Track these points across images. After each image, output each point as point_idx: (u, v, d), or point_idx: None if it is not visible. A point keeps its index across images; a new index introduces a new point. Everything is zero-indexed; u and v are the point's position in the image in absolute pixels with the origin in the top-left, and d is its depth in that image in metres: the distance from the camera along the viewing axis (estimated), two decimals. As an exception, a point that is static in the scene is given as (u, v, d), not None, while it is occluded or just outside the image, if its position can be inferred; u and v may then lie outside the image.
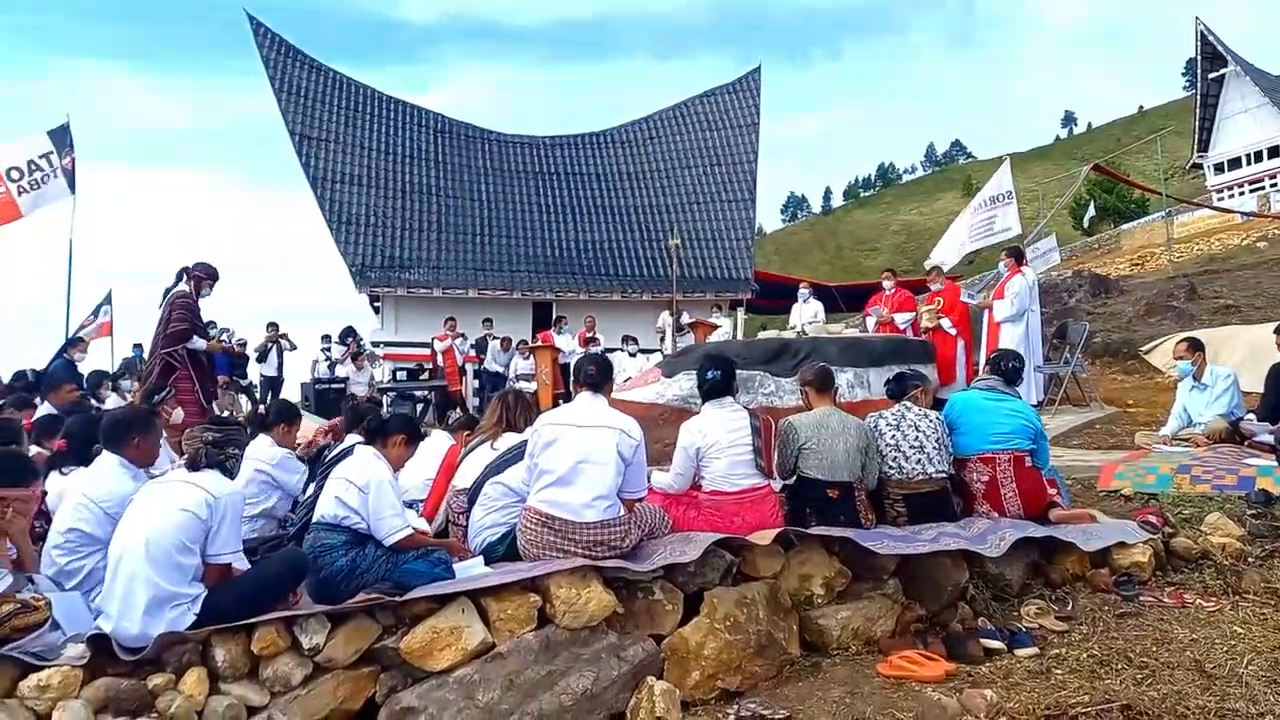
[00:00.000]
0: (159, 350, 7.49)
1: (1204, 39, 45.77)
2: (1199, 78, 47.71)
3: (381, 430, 4.11)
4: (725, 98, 24.79)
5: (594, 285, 20.85)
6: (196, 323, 7.67)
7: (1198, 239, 31.74)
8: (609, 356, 4.86)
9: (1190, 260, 26.24)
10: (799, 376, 4.84)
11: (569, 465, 3.73)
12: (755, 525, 4.10)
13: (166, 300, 7.63)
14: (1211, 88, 46.82)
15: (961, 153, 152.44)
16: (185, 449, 3.47)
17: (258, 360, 14.22)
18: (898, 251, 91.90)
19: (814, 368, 4.70)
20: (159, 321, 7.61)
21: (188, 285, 7.74)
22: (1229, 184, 45.77)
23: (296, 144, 20.88)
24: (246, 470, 4.80)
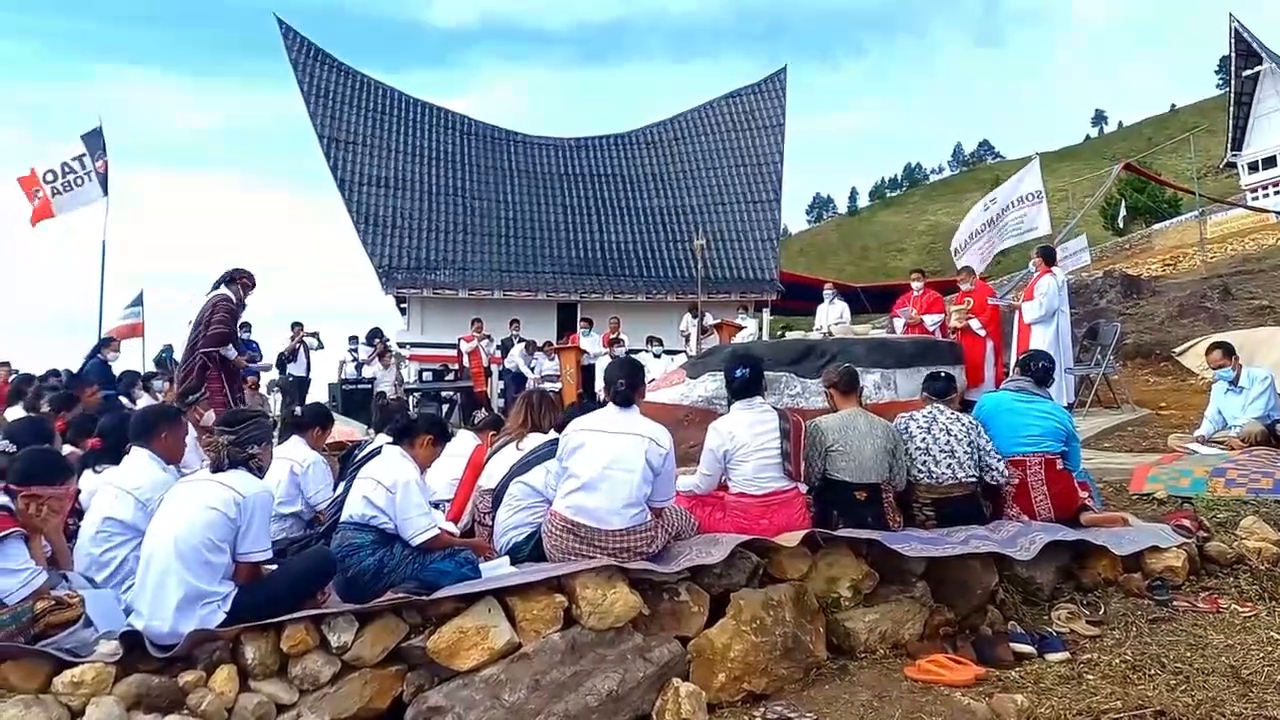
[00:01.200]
0: (198, 349, 7.53)
1: (1238, 36, 44.98)
2: (1233, 75, 46.91)
3: (409, 431, 4.14)
4: (750, 98, 24.71)
5: (618, 286, 20.86)
6: (234, 328, 7.71)
7: (1231, 239, 31.20)
8: (637, 359, 4.80)
9: (1224, 260, 25.78)
10: (823, 378, 4.81)
11: (595, 471, 3.72)
12: (782, 527, 4.08)
13: (209, 301, 7.66)
14: (1245, 85, 46.02)
15: (989, 152, 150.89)
16: (207, 453, 3.50)
17: (287, 361, 14.33)
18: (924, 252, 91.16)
19: (838, 369, 4.66)
20: (197, 322, 7.63)
21: (230, 290, 7.77)
22: (1263, 183, 44.95)
23: (325, 147, 21.06)
24: (280, 470, 4.85)
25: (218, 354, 7.51)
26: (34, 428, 4.49)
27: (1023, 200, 12.09)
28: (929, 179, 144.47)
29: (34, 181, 14.62)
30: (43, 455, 3.50)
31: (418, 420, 4.28)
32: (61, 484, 3.40)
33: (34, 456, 3.44)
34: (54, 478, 3.37)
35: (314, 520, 4.89)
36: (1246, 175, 46.38)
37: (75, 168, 14.44)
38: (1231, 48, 45.61)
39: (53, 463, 3.46)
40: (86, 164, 14.38)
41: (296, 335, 14.31)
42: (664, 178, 23.57)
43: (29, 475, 3.31)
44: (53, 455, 3.59)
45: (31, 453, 3.50)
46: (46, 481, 3.33)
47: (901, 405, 8.46)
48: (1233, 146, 46.56)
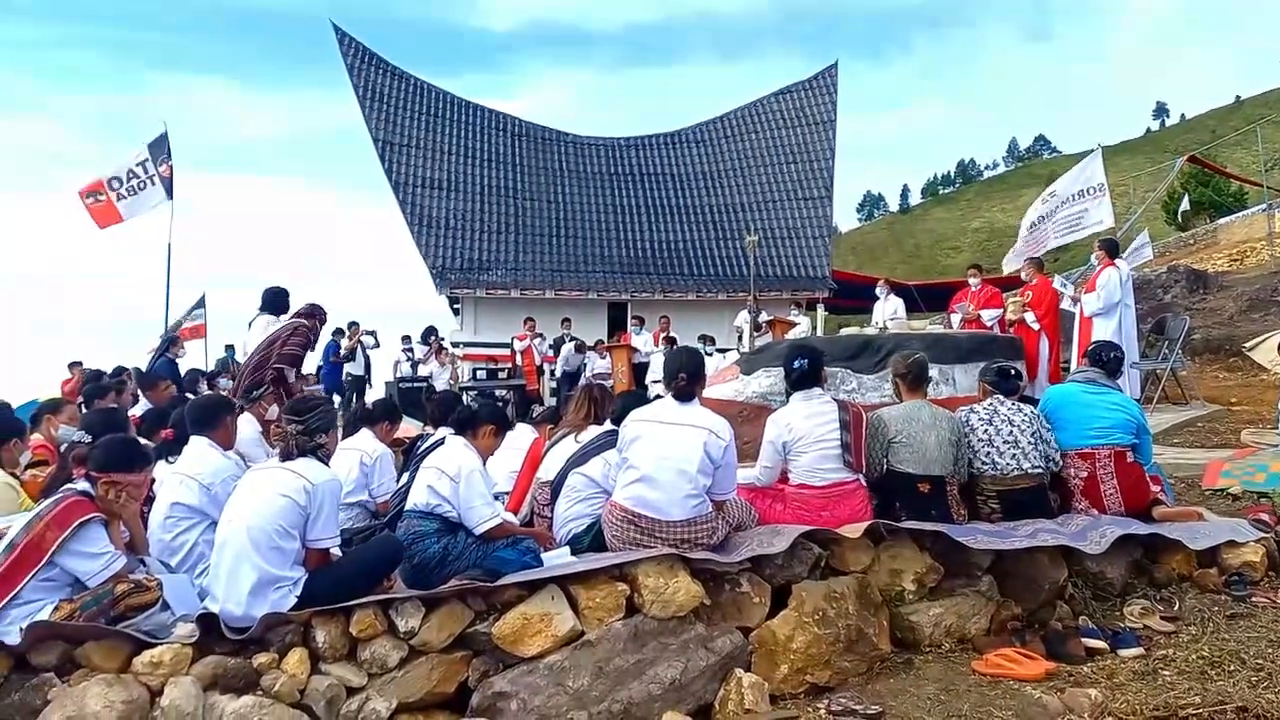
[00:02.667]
0: (271, 365, 7.62)
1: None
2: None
3: (471, 421, 4.18)
4: (801, 95, 24.53)
5: (669, 285, 20.86)
6: (302, 356, 7.81)
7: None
8: (697, 350, 4.79)
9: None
10: (891, 368, 4.74)
11: (654, 463, 3.72)
12: (843, 520, 4.04)
13: (288, 325, 7.66)
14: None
15: (1046, 147, 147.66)
16: (275, 443, 3.57)
17: (344, 360, 14.60)
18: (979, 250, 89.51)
19: (908, 360, 4.58)
20: (272, 339, 7.72)
21: (308, 323, 7.91)
22: (1340, 174, 43.31)
23: (379, 150, 21.41)
24: (350, 460, 4.94)
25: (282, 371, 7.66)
26: (109, 418, 4.63)
27: (1083, 194, 11.80)
28: (983, 175, 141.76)
29: (98, 188, 15.08)
30: (122, 443, 3.60)
31: (479, 410, 4.32)
32: (140, 471, 3.50)
33: (113, 444, 3.55)
34: (133, 465, 3.47)
35: (378, 510, 4.98)
36: (1321, 167, 44.76)
37: (139, 173, 14.87)
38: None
39: (132, 450, 3.56)
40: (150, 169, 14.80)
41: (354, 335, 14.58)
42: (714, 176, 23.50)
43: (109, 463, 3.41)
44: (132, 443, 3.70)
45: (111, 441, 3.60)
46: (125, 469, 3.43)
47: (960, 400, 8.33)
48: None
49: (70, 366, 13.97)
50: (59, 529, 3.12)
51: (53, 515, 3.18)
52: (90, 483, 3.33)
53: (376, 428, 5.23)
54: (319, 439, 3.57)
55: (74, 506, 3.19)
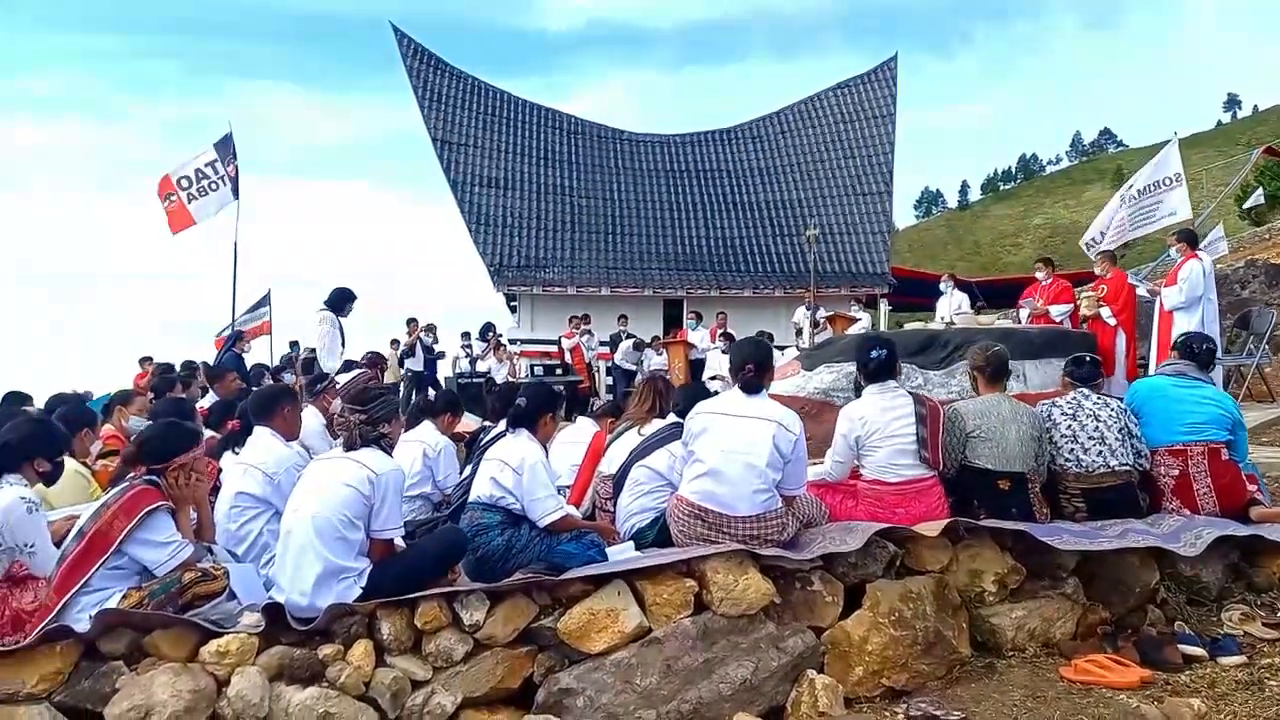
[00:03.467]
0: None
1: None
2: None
3: (532, 415, 4.05)
4: (859, 89, 24.16)
5: (725, 282, 20.72)
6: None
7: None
8: (765, 340, 4.63)
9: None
10: (970, 360, 4.54)
11: (721, 456, 3.60)
12: (919, 517, 3.88)
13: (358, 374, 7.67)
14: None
15: (1111, 141, 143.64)
16: (339, 432, 3.54)
17: (406, 357, 14.73)
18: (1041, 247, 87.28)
19: (988, 352, 4.38)
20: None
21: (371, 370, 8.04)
22: None
23: (438, 149, 21.63)
24: (414, 451, 4.92)
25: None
26: (176, 407, 4.68)
27: (1159, 185, 11.34)
28: (1045, 171, 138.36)
29: (166, 186, 15.39)
30: (164, 429, 3.52)
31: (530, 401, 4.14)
32: (191, 448, 3.43)
33: (155, 432, 3.48)
34: (184, 443, 3.41)
35: (441, 503, 4.95)
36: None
37: (208, 173, 15.16)
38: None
39: (175, 431, 3.49)
40: (219, 169, 15.08)
41: (413, 331, 14.69)
42: (771, 171, 23.27)
43: (161, 452, 3.37)
44: (173, 424, 3.59)
45: (152, 430, 3.54)
46: (178, 450, 3.38)
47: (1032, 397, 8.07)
48: (1391, 125, 42.95)
49: (142, 362, 14.37)
50: (126, 518, 3.12)
51: (120, 504, 3.18)
52: (157, 474, 3.33)
53: (438, 420, 5.21)
54: (382, 429, 3.53)
55: (141, 495, 3.19)
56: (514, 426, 3.94)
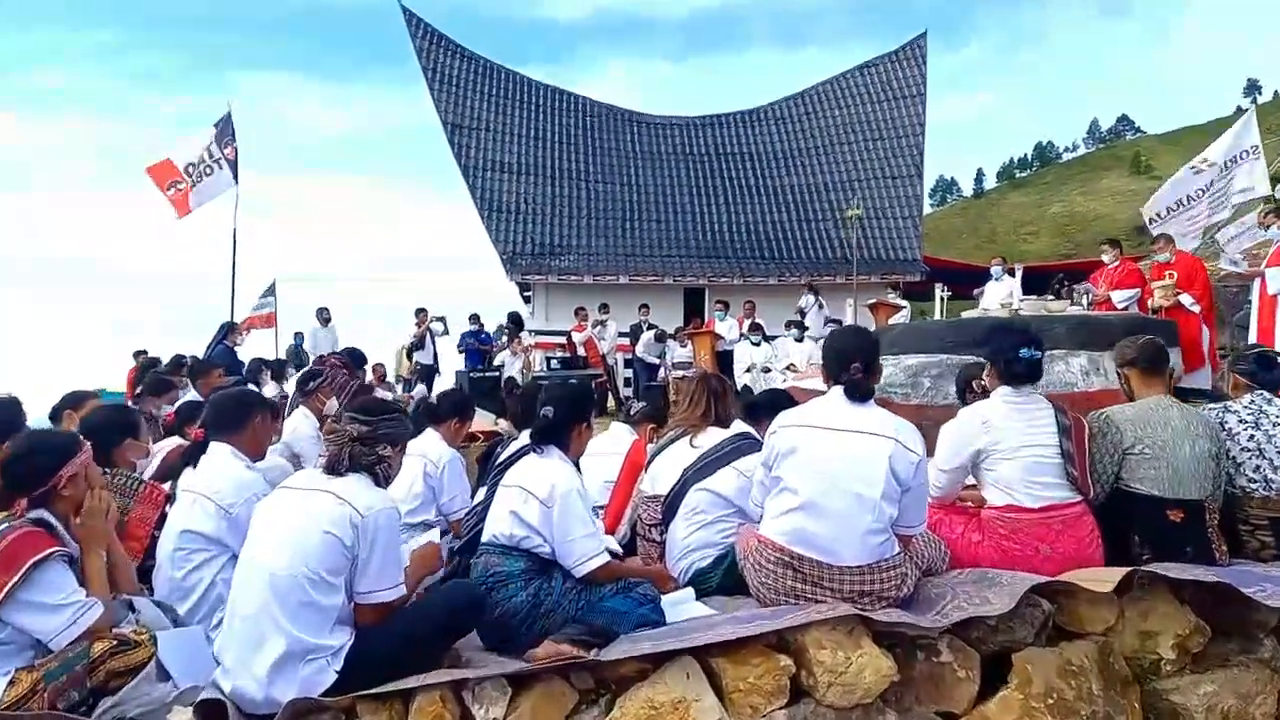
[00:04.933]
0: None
1: None
2: None
3: (558, 427, 3.11)
4: (887, 68, 23.09)
5: (748, 269, 19.75)
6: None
7: None
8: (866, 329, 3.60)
9: None
10: (1116, 354, 3.60)
11: (821, 485, 2.71)
12: (1069, 557, 2.98)
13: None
14: None
15: (1129, 128, 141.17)
16: (327, 444, 2.65)
17: (413, 349, 13.90)
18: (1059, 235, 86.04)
19: (1137, 342, 3.47)
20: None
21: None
22: None
23: (449, 133, 20.76)
24: (414, 468, 4.03)
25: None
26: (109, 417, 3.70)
27: (1236, 160, 10.36)
28: (1062, 158, 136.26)
29: (171, 172, 14.54)
30: (27, 444, 2.63)
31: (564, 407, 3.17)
32: (66, 462, 2.56)
33: (17, 451, 2.59)
34: (52, 460, 2.53)
35: (447, 532, 4.06)
36: None
37: (205, 157, 14.32)
38: None
39: (40, 444, 2.63)
40: (215, 151, 14.23)
41: (422, 322, 13.85)
42: (795, 155, 22.26)
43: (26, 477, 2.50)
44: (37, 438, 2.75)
45: (14, 448, 2.63)
46: (46, 469, 2.50)
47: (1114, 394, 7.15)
48: None
49: (135, 355, 13.57)
50: (3, 573, 2.26)
51: (-7, 556, 2.31)
52: (42, 505, 2.45)
53: (443, 427, 4.28)
54: (382, 451, 2.64)
55: (22, 541, 2.32)
56: (540, 443, 3.04)
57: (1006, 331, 3.31)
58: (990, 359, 3.27)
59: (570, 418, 3.10)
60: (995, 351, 3.23)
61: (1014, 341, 3.16)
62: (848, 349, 2.86)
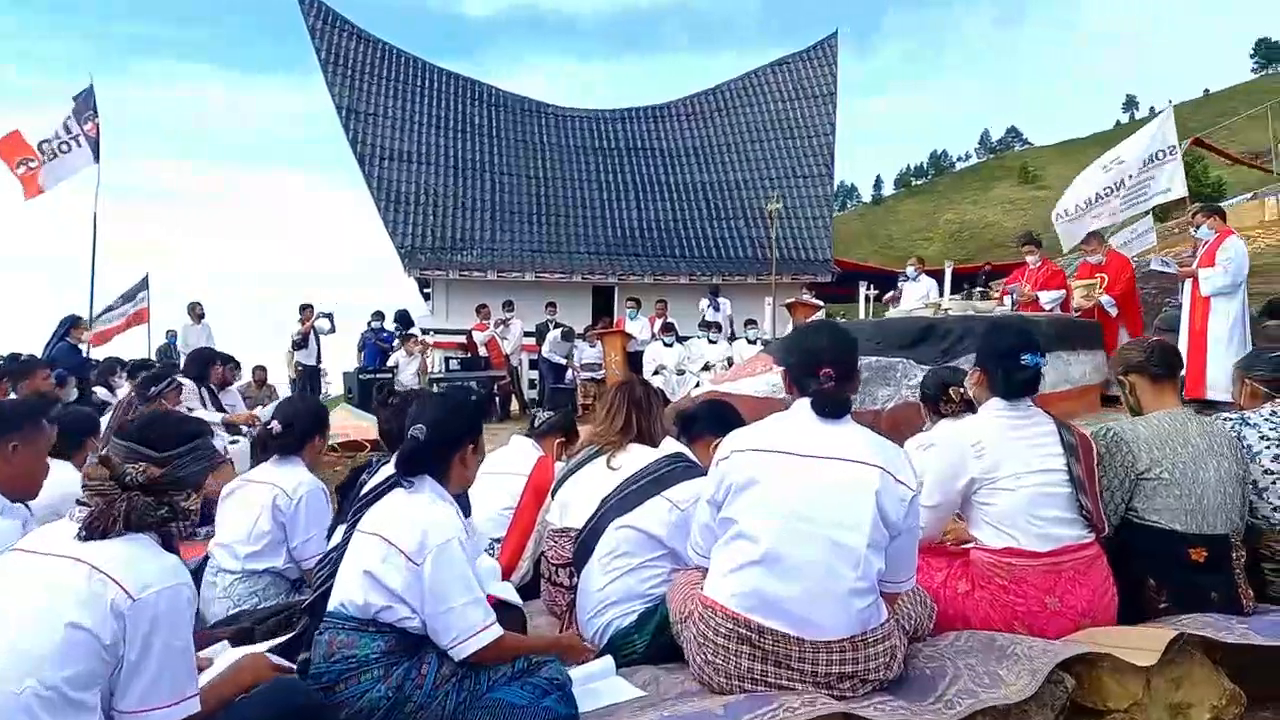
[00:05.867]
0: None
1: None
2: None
3: (431, 451, 2.27)
4: (799, 66, 22.87)
5: (659, 267, 19.14)
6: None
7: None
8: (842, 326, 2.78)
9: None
10: (1118, 359, 3.02)
11: (788, 532, 2.04)
12: (1080, 611, 2.39)
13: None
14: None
15: (1018, 139, 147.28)
16: (86, 493, 1.81)
17: (296, 348, 12.78)
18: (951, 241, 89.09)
19: (1143, 344, 2.92)
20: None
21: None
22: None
23: (343, 119, 19.50)
24: (258, 498, 3.16)
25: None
26: None
27: (1154, 159, 10.25)
28: (955, 167, 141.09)
29: (21, 148, 13.02)
30: None
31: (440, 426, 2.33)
32: None
33: None
34: None
35: (300, 580, 3.22)
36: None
37: (61, 133, 12.86)
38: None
39: None
40: (74, 126, 12.78)
41: (306, 319, 12.75)
42: (707, 151, 21.78)
43: None
44: None
45: None
46: None
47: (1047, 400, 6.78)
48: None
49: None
50: None
51: None
52: None
53: (305, 449, 3.41)
54: (177, 500, 1.83)
55: None
56: (407, 473, 2.27)
57: (1001, 331, 2.70)
58: (983, 365, 2.66)
59: (448, 438, 2.31)
60: (990, 355, 2.62)
61: (1013, 344, 2.55)
62: (817, 349, 2.19)
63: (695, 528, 2.29)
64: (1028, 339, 2.60)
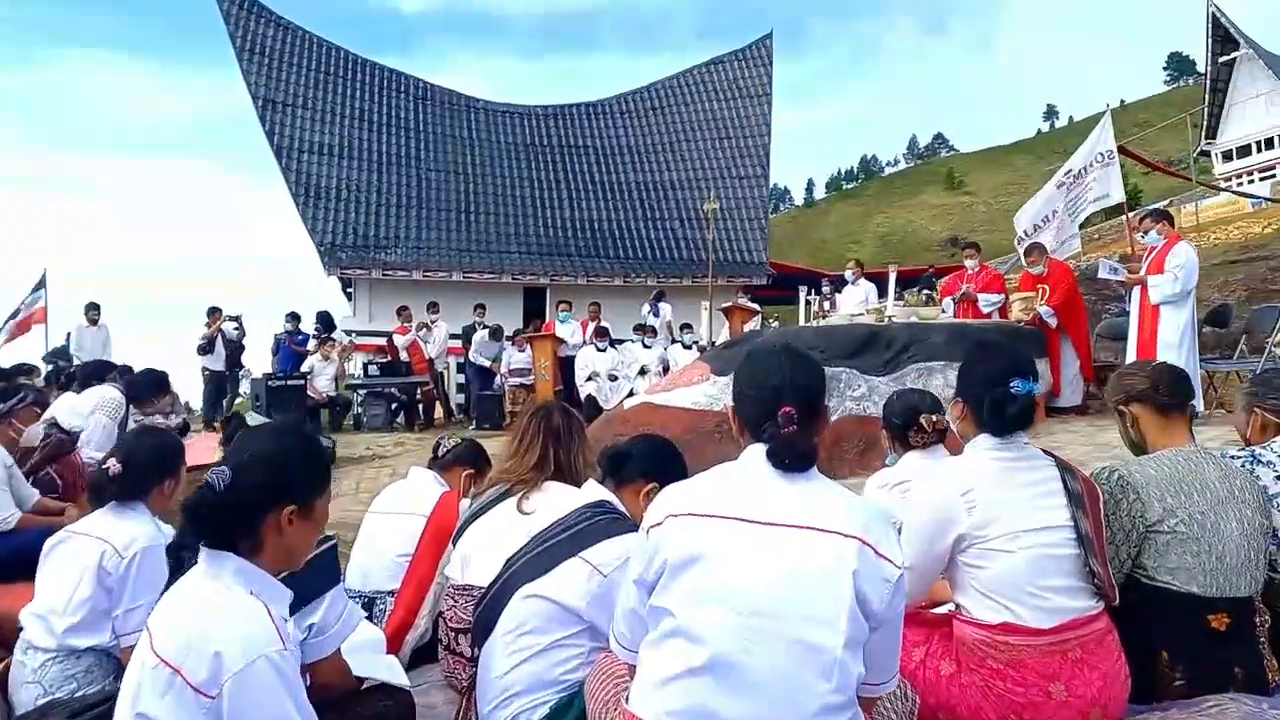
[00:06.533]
0: None
1: (1215, 22, 43.95)
2: (1208, 62, 45.84)
3: (229, 519, 1.63)
4: (734, 65, 22.59)
5: (592, 268, 18.63)
6: None
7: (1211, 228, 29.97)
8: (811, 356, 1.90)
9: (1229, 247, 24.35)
10: (1118, 386, 2.57)
11: (742, 631, 1.53)
12: (1089, 699, 1.96)
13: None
14: (1221, 73, 45.08)
15: (944, 145, 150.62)
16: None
17: (201, 353, 11.91)
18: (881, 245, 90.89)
19: (1145, 368, 2.49)
20: None
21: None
22: (1239, 171, 44.07)
23: (260, 109, 18.58)
24: (83, 556, 2.51)
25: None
26: None
27: (1093, 165, 10.12)
28: (884, 172, 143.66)
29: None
30: None
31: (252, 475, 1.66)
32: None
33: None
34: None
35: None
36: (1221, 164, 45.42)
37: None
38: (1208, 33, 44.44)
39: None
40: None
41: (213, 322, 11.88)
42: (641, 150, 21.36)
43: None
44: None
45: None
46: None
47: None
48: (1207, 134, 45.43)
49: None
50: None
51: None
52: None
53: (151, 493, 2.72)
54: None
55: None
56: (202, 538, 1.66)
57: (985, 354, 2.24)
58: (965, 395, 2.21)
59: (259, 492, 1.65)
60: (973, 384, 2.17)
61: (1001, 367, 2.11)
62: (775, 381, 1.71)
63: (619, 612, 1.79)
64: (1017, 362, 2.16)
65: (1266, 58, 43.75)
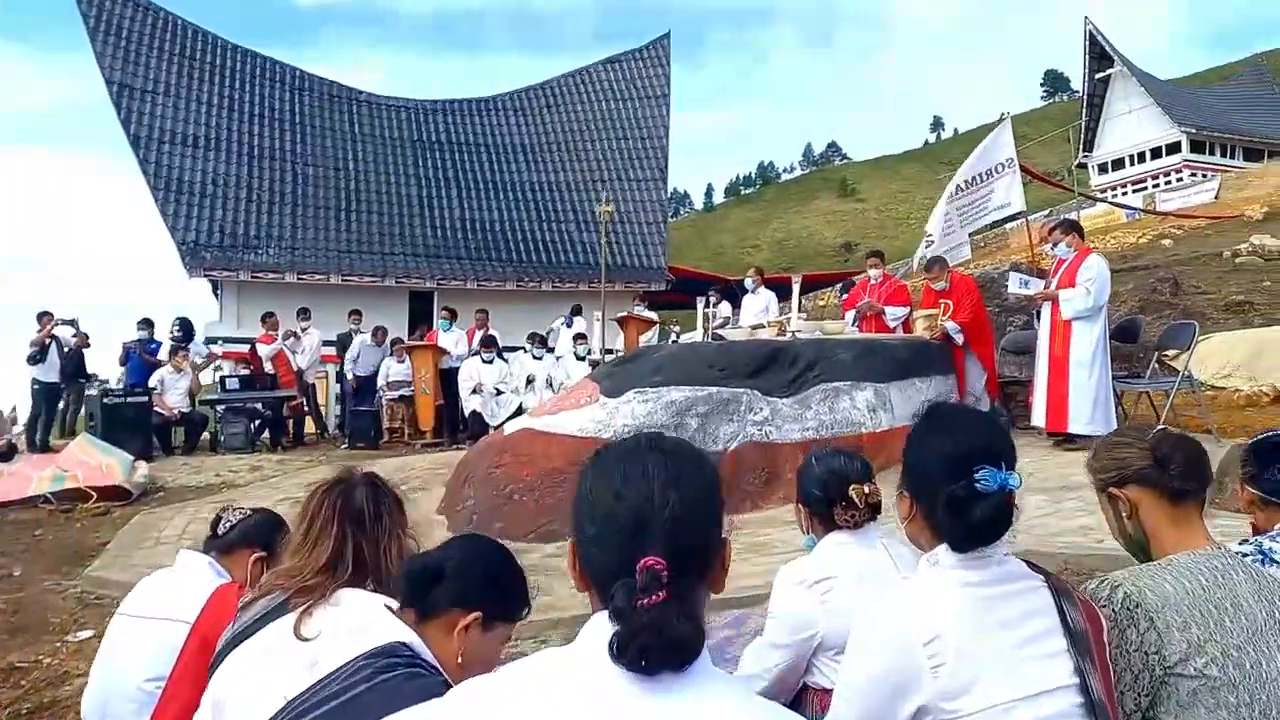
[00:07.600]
0: None
1: (1092, 39, 45.95)
2: (1086, 78, 48.01)
3: None
4: (631, 65, 22.02)
5: (483, 272, 17.74)
6: None
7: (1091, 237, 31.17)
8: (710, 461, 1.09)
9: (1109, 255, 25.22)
10: (1104, 461, 1.82)
11: None
12: None
13: None
14: (1097, 88, 47.19)
15: (837, 153, 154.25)
16: None
17: (31, 362, 10.52)
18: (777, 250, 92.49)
19: (1143, 436, 1.78)
20: None
21: None
22: (1113, 184, 46.24)
23: (115, 95, 17.00)
24: None
25: None
26: None
27: (990, 173, 9.87)
28: (781, 178, 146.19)
29: None
30: None
31: None
32: None
33: None
34: None
35: None
36: (1097, 176, 47.55)
37: None
38: (1085, 50, 46.53)
39: None
40: None
41: (44, 328, 10.50)
42: (535, 148, 20.53)
43: None
44: None
45: None
46: None
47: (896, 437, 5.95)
48: (1084, 148, 47.47)
49: None
50: None
51: None
52: None
53: None
54: None
55: None
56: None
57: (940, 422, 1.57)
58: (913, 492, 1.55)
59: None
60: (921, 477, 1.50)
61: (961, 449, 1.45)
62: (635, 502, 0.99)
63: None
64: (985, 440, 1.50)
65: (1139, 75, 45.99)
